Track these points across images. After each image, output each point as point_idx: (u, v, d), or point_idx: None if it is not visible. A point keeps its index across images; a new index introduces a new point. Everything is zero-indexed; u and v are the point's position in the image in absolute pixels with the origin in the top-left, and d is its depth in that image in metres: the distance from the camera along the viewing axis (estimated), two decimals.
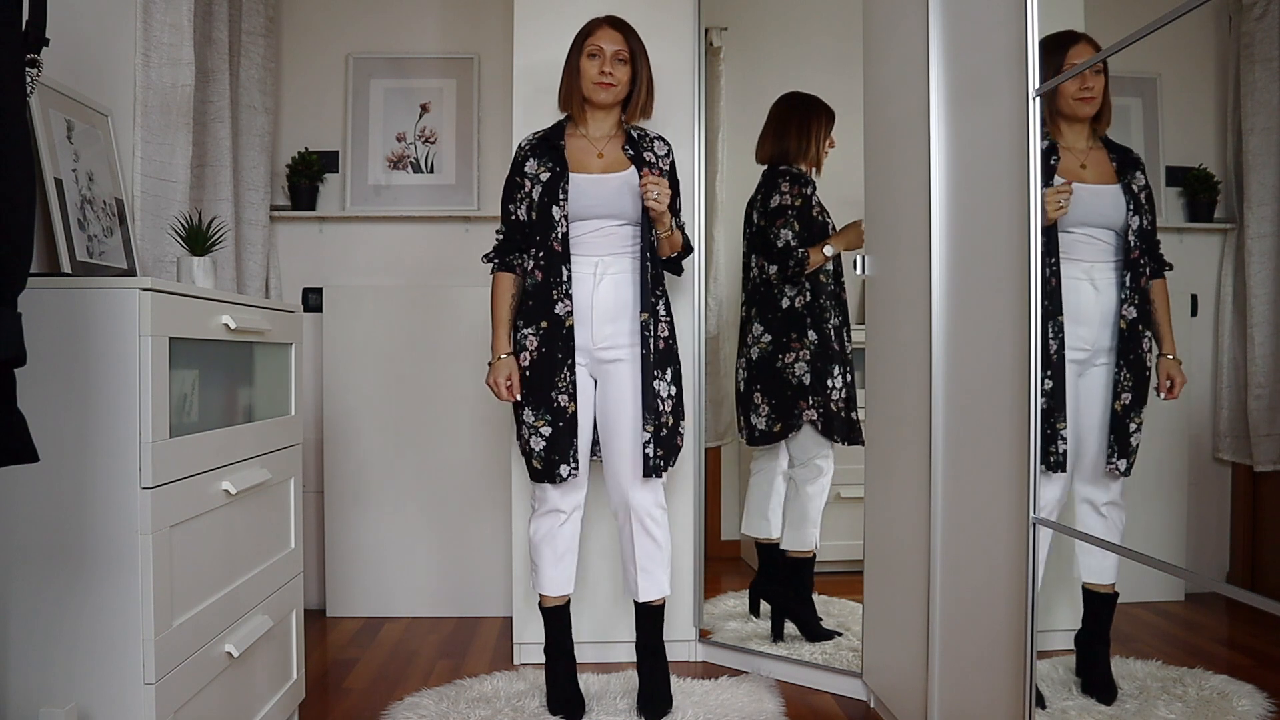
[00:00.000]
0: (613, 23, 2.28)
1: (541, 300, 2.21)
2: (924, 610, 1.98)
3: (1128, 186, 1.45)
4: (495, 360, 2.25)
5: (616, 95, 2.26)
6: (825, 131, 2.71)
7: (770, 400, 2.67)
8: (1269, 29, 1.19)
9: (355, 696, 2.43)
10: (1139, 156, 1.45)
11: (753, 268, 2.73)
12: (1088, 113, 1.51)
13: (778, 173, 2.70)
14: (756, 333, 2.69)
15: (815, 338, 2.62)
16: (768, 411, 2.67)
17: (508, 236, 2.29)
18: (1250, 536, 1.23)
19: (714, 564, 2.96)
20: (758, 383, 2.69)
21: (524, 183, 2.27)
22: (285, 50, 3.29)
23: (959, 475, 1.87)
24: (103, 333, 1.46)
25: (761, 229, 2.69)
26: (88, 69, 2.04)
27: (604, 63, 2.24)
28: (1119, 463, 1.46)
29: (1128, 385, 1.44)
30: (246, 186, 2.96)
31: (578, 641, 2.49)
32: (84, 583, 1.47)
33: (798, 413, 2.64)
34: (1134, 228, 1.44)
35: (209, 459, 1.67)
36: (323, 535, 3.20)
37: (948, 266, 1.92)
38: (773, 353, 2.66)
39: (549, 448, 2.21)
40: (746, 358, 2.73)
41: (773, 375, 2.66)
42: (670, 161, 2.34)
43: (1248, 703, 1.21)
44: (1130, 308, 1.44)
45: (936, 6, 1.94)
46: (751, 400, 2.70)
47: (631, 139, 2.31)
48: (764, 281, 2.67)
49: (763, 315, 2.68)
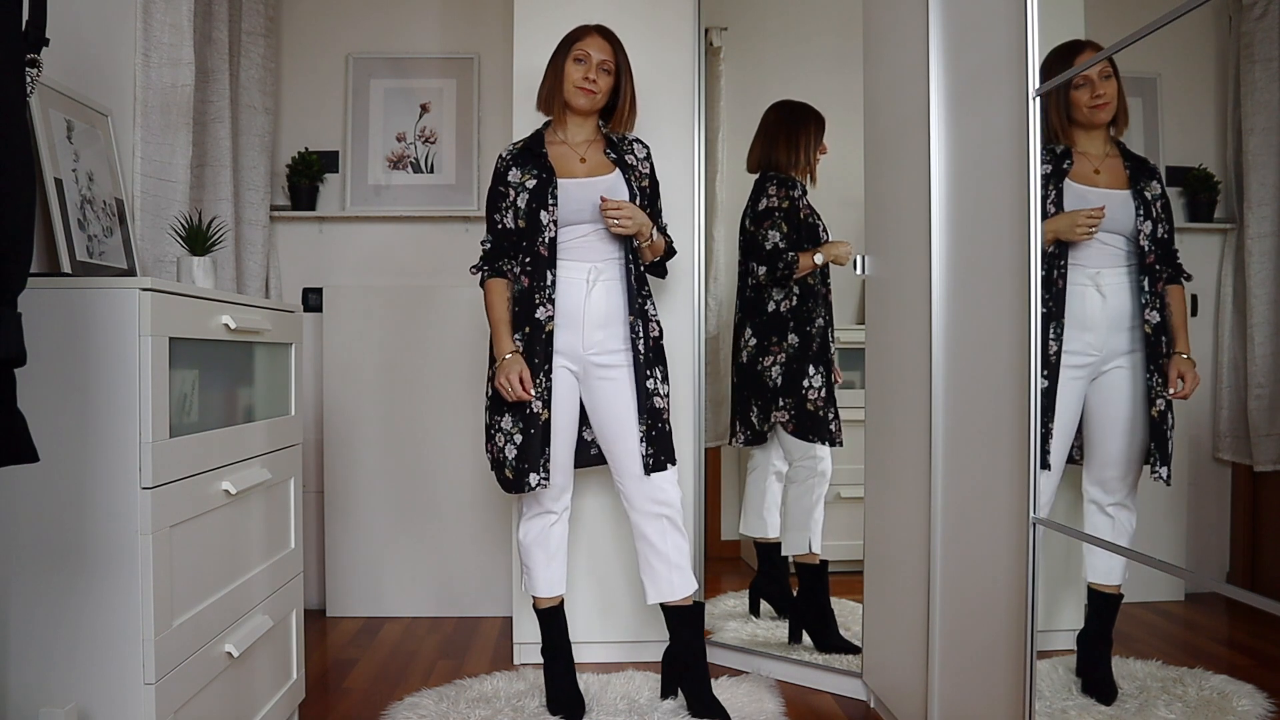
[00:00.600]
0: (602, 32, 2.28)
1: (526, 306, 2.21)
2: (924, 610, 1.98)
3: (1139, 193, 1.44)
4: (501, 360, 2.20)
5: (595, 103, 2.27)
6: (815, 140, 2.71)
7: (758, 402, 2.70)
8: (1269, 29, 1.19)
9: (355, 696, 2.43)
10: (1155, 166, 1.43)
11: (748, 275, 2.75)
12: (1104, 119, 1.50)
13: (766, 179, 2.72)
14: (746, 336, 2.73)
15: (795, 340, 2.64)
16: (756, 413, 2.71)
17: (495, 245, 2.28)
18: (1250, 536, 1.23)
19: (714, 564, 2.96)
20: (746, 386, 2.74)
21: (508, 191, 2.26)
22: (285, 50, 3.29)
23: (959, 475, 1.87)
24: (103, 333, 1.46)
25: (751, 234, 2.71)
26: (88, 69, 2.03)
27: (589, 69, 2.24)
28: (1161, 470, 1.40)
29: (1161, 390, 1.42)
30: (246, 186, 2.96)
31: (576, 642, 2.49)
32: (84, 583, 1.47)
33: (771, 415, 2.67)
34: (1146, 234, 1.44)
35: (209, 459, 1.67)
36: (323, 535, 3.20)
37: (948, 267, 1.92)
38: (756, 355, 2.70)
39: (519, 456, 2.18)
40: (738, 361, 2.77)
41: (755, 377, 2.71)
42: (650, 164, 2.37)
43: (1248, 703, 1.21)
44: (1153, 312, 1.42)
45: (936, 7, 1.94)
46: (744, 402, 2.75)
47: (611, 142, 2.33)
48: (754, 286, 2.70)
49: (751, 319, 2.72)
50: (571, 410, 2.28)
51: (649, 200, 2.35)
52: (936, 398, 1.95)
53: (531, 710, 2.26)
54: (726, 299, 2.92)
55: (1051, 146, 1.55)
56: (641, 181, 2.32)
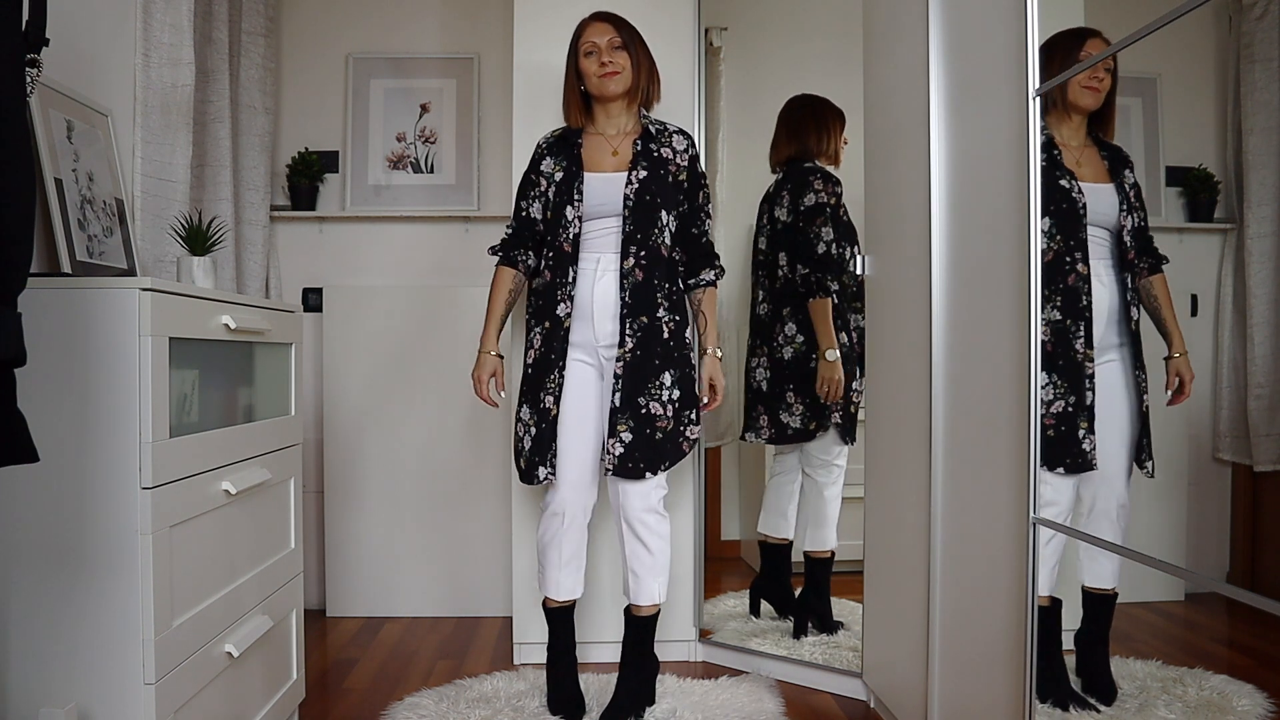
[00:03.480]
0: (599, 16, 2.25)
1: (548, 301, 2.21)
2: (924, 610, 1.98)
3: (1120, 185, 1.45)
4: (478, 355, 2.25)
5: (625, 82, 2.22)
6: (840, 129, 2.71)
7: (804, 399, 2.65)
8: (1269, 29, 1.19)
9: (355, 696, 2.43)
10: (1128, 154, 1.44)
11: (782, 267, 2.68)
12: (1089, 104, 1.50)
13: (806, 170, 2.67)
14: (790, 333, 2.66)
15: (844, 340, 2.62)
16: (802, 411, 2.65)
17: (516, 232, 2.29)
18: (1250, 536, 1.23)
19: (714, 564, 2.96)
20: (790, 382, 2.66)
21: (539, 180, 2.26)
22: (285, 50, 3.29)
23: (959, 475, 1.87)
24: (103, 333, 1.46)
25: (793, 226, 2.65)
26: (88, 69, 2.03)
27: (601, 54, 2.21)
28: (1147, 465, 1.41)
29: (1147, 387, 1.42)
30: (246, 186, 2.96)
31: (580, 642, 2.49)
32: (84, 583, 1.47)
33: (827, 413, 2.64)
34: (1128, 228, 1.44)
35: (209, 459, 1.67)
36: (323, 535, 3.20)
37: (948, 266, 1.92)
38: (807, 353, 2.64)
39: (533, 448, 2.19)
40: (771, 356, 2.70)
41: (808, 376, 2.63)
42: (689, 156, 2.27)
43: (1248, 703, 1.21)
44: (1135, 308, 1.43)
45: (936, 7, 1.94)
46: (783, 399, 2.67)
47: (649, 133, 2.26)
48: (802, 280, 2.63)
49: (795, 315, 2.65)
50: (586, 408, 2.22)
51: (687, 197, 2.26)
52: (936, 397, 1.95)
53: (531, 710, 2.26)
54: (726, 299, 2.92)
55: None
56: (679, 176, 2.24)
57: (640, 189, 2.20)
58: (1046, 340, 1.53)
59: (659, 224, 2.20)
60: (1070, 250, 1.52)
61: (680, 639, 2.69)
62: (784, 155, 2.75)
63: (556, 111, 2.39)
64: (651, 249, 2.19)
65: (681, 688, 2.39)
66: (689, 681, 2.44)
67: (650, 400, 2.17)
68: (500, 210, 3.26)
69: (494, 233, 3.29)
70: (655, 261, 2.20)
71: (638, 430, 2.16)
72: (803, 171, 2.68)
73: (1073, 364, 1.51)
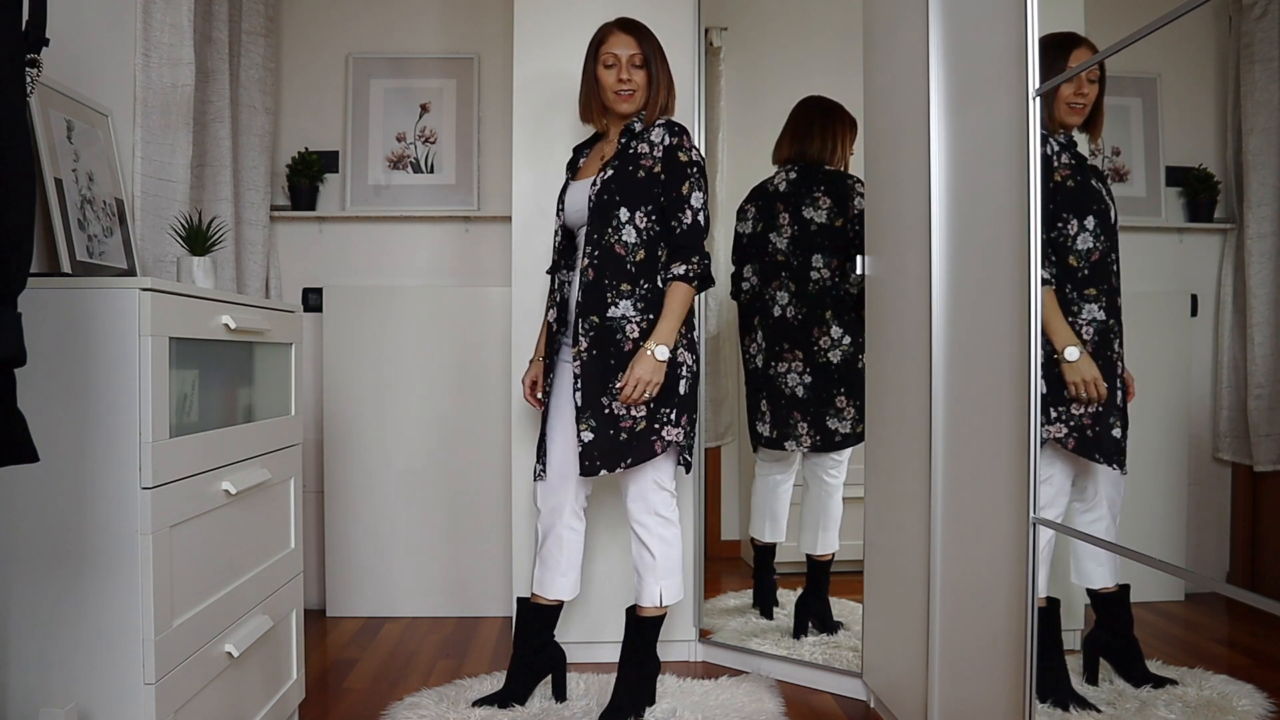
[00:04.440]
0: (624, 26, 2.22)
1: (549, 305, 2.32)
2: (924, 610, 1.98)
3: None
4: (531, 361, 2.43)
5: (638, 103, 2.21)
6: (850, 136, 2.67)
7: (855, 403, 2.58)
8: (1269, 29, 1.19)
9: (355, 696, 2.43)
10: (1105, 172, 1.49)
11: (817, 268, 2.62)
12: (1074, 122, 1.51)
13: (840, 174, 2.65)
14: (836, 335, 2.59)
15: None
16: (853, 415, 2.59)
17: (556, 242, 2.35)
18: (1250, 536, 1.23)
19: (714, 564, 2.96)
20: (840, 386, 2.60)
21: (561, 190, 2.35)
22: (285, 50, 3.29)
23: (959, 475, 1.87)
24: (103, 333, 1.46)
25: (826, 228, 2.61)
26: (88, 69, 2.03)
27: (620, 70, 2.19)
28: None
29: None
30: (246, 186, 2.96)
31: (579, 642, 2.49)
32: (84, 583, 1.47)
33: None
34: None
35: (209, 459, 1.67)
36: (323, 535, 3.20)
37: (948, 266, 1.92)
38: (854, 354, 2.58)
39: (536, 447, 2.32)
40: (812, 361, 2.61)
41: (859, 378, 2.55)
42: (665, 146, 2.16)
43: (1248, 703, 1.21)
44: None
45: (936, 6, 1.94)
46: (832, 404, 2.60)
47: (631, 131, 2.22)
48: (838, 278, 2.59)
49: (839, 317, 2.59)
50: (567, 408, 2.23)
51: (665, 189, 2.15)
52: (936, 397, 1.94)
53: (531, 710, 2.26)
54: (727, 299, 2.92)
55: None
56: (653, 169, 2.15)
57: (601, 189, 2.17)
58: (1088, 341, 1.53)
59: (615, 222, 2.15)
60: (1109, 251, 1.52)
61: (680, 639, 2.69)
62: (784, 155, 2.74)
63: (557, 111, 2.39)
64: (604, 248, 2.15)
65: (681, 688, 2.39)
66: (689, 681, 2.44)
67: (614, 400, 2.13)
68: (500, 210, 3.26)
69: (493, 233, 3.30)
70: (607, 260, 2.15)
71: (599, 430, 2.13)
72: (840, 176, 2.65)
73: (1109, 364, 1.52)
